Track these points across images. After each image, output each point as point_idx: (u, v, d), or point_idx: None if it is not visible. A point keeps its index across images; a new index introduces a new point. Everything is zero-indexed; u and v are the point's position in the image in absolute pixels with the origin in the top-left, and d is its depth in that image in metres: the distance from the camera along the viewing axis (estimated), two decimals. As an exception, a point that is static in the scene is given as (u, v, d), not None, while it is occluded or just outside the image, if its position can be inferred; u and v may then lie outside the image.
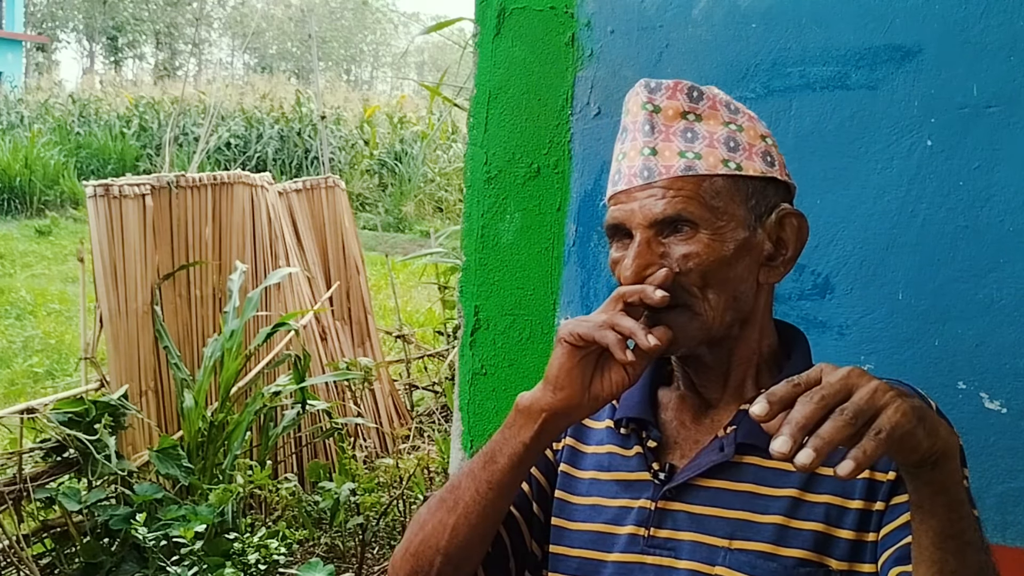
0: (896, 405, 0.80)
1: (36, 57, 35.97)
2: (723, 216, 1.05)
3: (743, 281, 1.07)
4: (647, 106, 1.08)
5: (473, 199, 1.75)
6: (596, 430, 1.19)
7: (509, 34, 1.71)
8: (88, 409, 3.18)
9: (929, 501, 0.87)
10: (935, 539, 0.88)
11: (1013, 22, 1.42)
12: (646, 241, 1.05)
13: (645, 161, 1.06)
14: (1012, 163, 1.42)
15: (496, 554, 1.17)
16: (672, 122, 1.07)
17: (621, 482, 1.13)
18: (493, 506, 1.08)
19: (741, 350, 1.10)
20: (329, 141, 13.73)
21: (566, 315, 1.71)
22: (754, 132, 1.09)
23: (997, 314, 1.43)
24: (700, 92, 1.09)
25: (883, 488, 1.03)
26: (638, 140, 1.08)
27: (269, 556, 3.08)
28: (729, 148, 1.07)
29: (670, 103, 1.08)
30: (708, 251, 1.04)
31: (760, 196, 1.08)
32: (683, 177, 1.05)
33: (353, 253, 5.13)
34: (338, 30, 44.39)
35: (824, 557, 1.03)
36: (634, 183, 1.07)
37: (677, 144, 1.06)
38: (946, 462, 0.85)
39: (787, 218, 1.10)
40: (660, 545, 1.08)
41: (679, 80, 1.08)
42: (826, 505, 1.04)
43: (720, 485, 1.07)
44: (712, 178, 1.05)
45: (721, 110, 1.09)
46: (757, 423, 1.06)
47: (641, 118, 1.08)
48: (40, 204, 12.84)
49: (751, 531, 1.05)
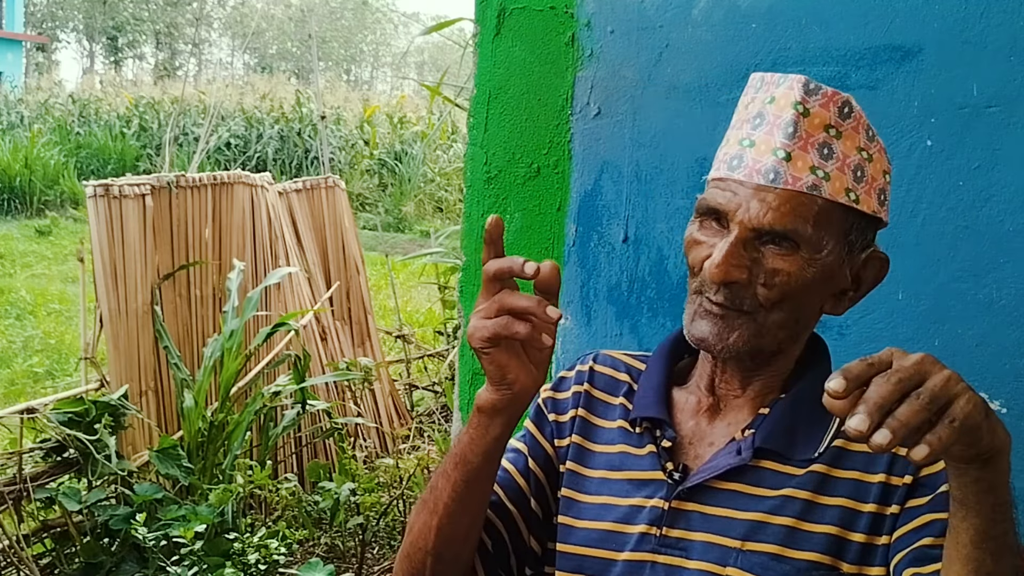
0: (968, 396, 0.80)
1: (36, 57, 35.97)
2: (825, 244, 1.03)
3: (811, 307, 1.07)
4: (798, 106, 1.03)
5: (473, 199, 1.75)
6: (606, 429, 1.18)
7: (509, 34, 1.71)
8: (88, 409, 3.18)
9: (975, 499, 0.86)
10: (975, 538, 0.87)
11: (1013, 22, 1.42)
12: (742, 242, 1.02)
13: (776, 163, 1.02)
14: (1012, 163, 1.42)
15: (496, 550, 1.17)
16: (815, 132, 1.03)
17: (633, 481, 1.13)
18: (472, 502, 1.08)
19: (779, 362, 1.10)
20: (329, 141, 13.73)
21: (566, 315, 1.71)
22: (880, 166, 1.07)
23: (997, 314, 1.43)
24: (850, 109, 1.05)
25: (898, 492, 1.03)
26: (775, 137, 1.03)
27: (269, 556, 3.08)
28: (855, 177, 1.04)
29: (821, 111, 1.04)
30: (799, 274, 1.02)
31: (860, 232, 1.07)
32: (805, 194, 1.02)
33: (353, 253, 5.12)
34: (338, 30, 44.37)
35: (836, 560, 1.03)
36: (755, 179, 1.03)
37: (812, 157, 1.03)
38: (998, 461, 0.84)
39: (873, 260, 1.10)
40: (672, 545, 1.08)
41: (838, 91, 1.04)
42: (840, 508, 1.04)
43: (735, 488, 1.07)
44: (831, 204, 1.03)
45: (861, 134, 1.05)
46: (776, 426, 1.07)
47: (788, 116, 1.03)
48: (40, 204, 12.83)
49: (764, 533, 1.04)
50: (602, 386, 1.21)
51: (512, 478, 1.19)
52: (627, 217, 1.67)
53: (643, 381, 1.18)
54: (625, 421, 1.17)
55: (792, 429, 1.07)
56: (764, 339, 1.05)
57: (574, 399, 1.21)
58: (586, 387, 1.21)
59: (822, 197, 1.02)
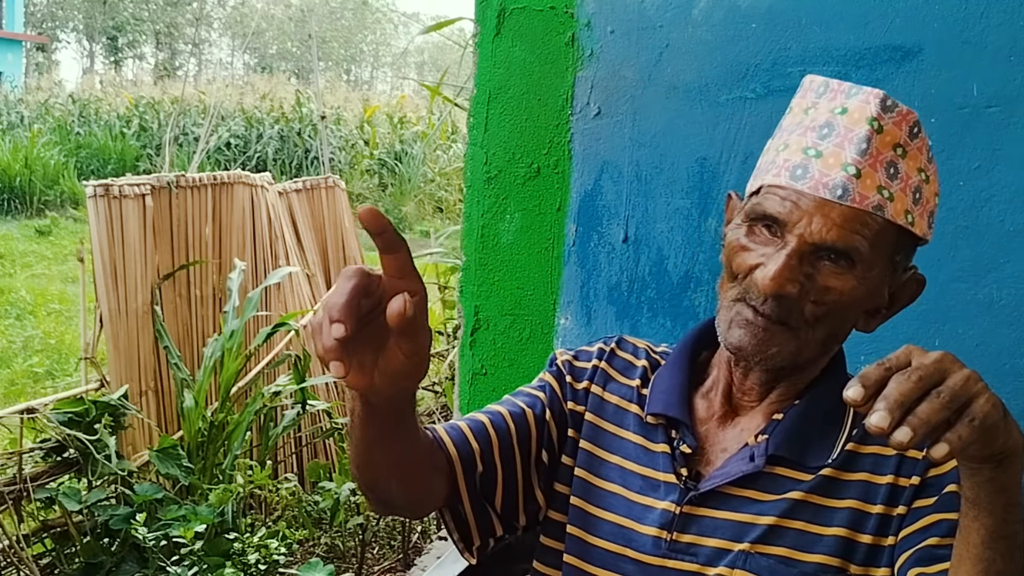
0: (987, 396, 0.79)
1: (36, 57, 35.96)
2: (877, 264, 1.02)
3: (850, 323, 1.07)
4: (874, 123, 1.01)
5: (473, 199, 1.75)
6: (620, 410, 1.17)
7: (509, 34, 1.71)
8: (88, 409, 3.18)
9: (988, 499, 0.86)
10: (986, 538, 0.87)
11: (1013, 22, 1.42)
12: (799, 255, 1.00)
13: (846, 179, 1.00)
14: (1012, 163, 1.42)
15: (486, 475, 1.13)
16: (885, 150, 1.01)
17: (647, 479, 1.12)
18: (377, 446, 0.99)
19: (803, 373, 1.10)
20: (329, 141, 13.73)
21: (566, 315, 1.71)
22: (933, 188, 1.07)
23: (997, 314, 1.43)
24: (919, 129, 1.03)
25: (906, 493, 1.03)
26: (845, 151, 1.01)
27: (269, 556, 3.08)
28: (914, 199, 1.03)
29: (894, 129, 1.01)
30: (851, 293, 1.01)
31: (906, 254, 1.06)
32: (869, 213, 1.00)
33: (353, 253, 5.13)
34: (338, 30, 44.37)
35: (845, 562, 1.03)
36: (822, 193, 1.00)
37: (880, 176, 1.01)
38: (1012, 462, 0.84)
39: (912, 281, 1.09)
40: (683, 550, 1.07)
41: (911, 110, 1.03)
42: (849, 510, 1.04)
43: (747, 494, 1.06)
44: (890, 224, 1.01)
45: (923, 154, 1.04)
46: (789, 432, 1.06)
47: (862, 131, 1.01)
48: (40, 204, 12.83)
49: (775, 537, 1.04)
50: (619, 368, 1.20)
51: (524, 417, 1.15)
52: (627, 217, 1.67)
53: (664, 375, 1.16)
54: (640, 408, 1.16)
55: (806, 435, 1.07)
56: (802, 355, 1.04)
57: (591, 372, 1.20)
58: (604, 364, 1.20)
59: (884, 218, 1.00)
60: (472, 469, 1.12)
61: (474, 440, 1.12)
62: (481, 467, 1.12)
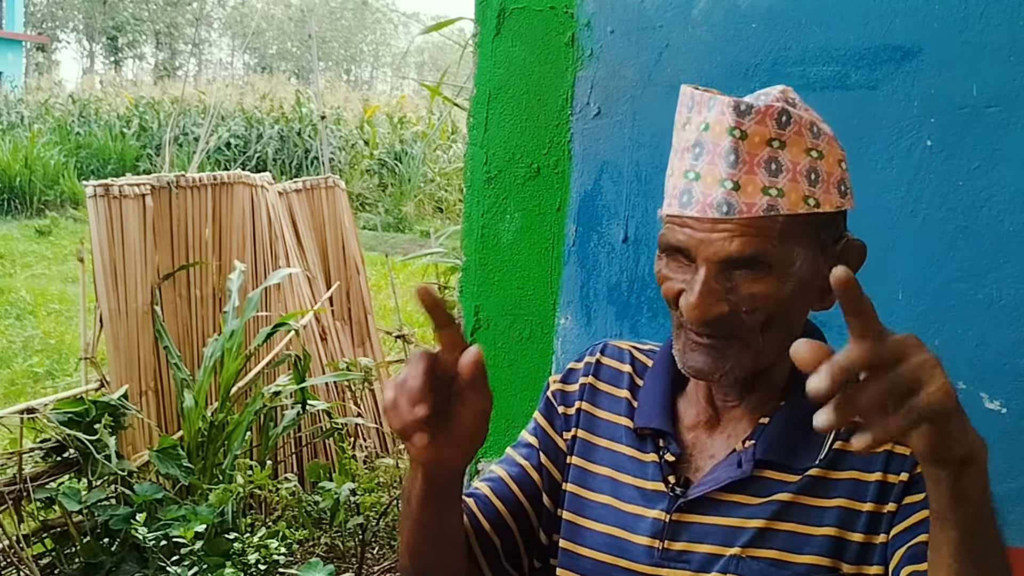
0: (941, 383, 0.76)
1: (36, 57, 35.97)
2: (796, 256, 1.01)
3: (802, 314, 1.06)
4: (734, 132, 0.99)
5: (473, 199, 1.75)
6: (611, 424, 1.18)
7: (509, 34, 1.71)
8: (88, 409, 3.18)
9: (950, 510, 0.84)
10: (954, 550, 0.85)
11: (1013, 22, 1.42)
12: (713, 276, 1.00)
13: (726, 195, 0.99)
14: (1012, 163, 1.42)
15: (506, 548, 1.17)
16: (758, 151, 0.99)
17: (638, 489, 1.12)
18: (431, 527, 1.07)
19: (774, 373, 1.09)
20: (329, 141, 13.73)
21: (566, 315, 1.71)
22: (833, 158, 1.04)
23: (997, 314, 1.43)
24: (789, 116, 1.00)
25: (895, 489, 1.03)
26: (718, 168, 1.00)
27: (269, 556, 3.08)
28: (810, 181, 1.01)
29: (758, 129, 0.99)
30: (778, 293, 1.00)
31: (829, 228, 1.04)
32: (764, 217, 0.99)
33: (353, 253, 5.12)
34: (338, 30, 44.38)
35: (836, 562, 1.03)
36: (709, 213, 1.00)
37: (760, 178, 0.99)
38: (970, 469, 0.81)
39: (851, 248, 1.07)
40: (675, 558, 1.07)
41: (771, 104, 1.00)
42: (839, 509, 1.04)
43: (737, 499, 1.06)
44: (792, 217, 1.00)
45: (805, 135, 1.01)
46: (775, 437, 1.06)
47: (726, 144, 0.99)
48: (40, 204, 12.83)
49: (765, 540, 1.04)
50: (607, 379, 1.21)
51: (525, 472, 1.19)
52: (627, 217, 1.67)
53: (648, 385, 1.17)
54: (630, 420, 1.16)
55: (793, 438, 1.07)
56: (762, 361, 1.04)
57: (580, 391, 1.21)
58: (591, 379, 1.21)
59: (781, 215, 0.99)
60: (492, 548, 1.17)
61: (484, 518, 1.17)
62: (498, 540, 1.17)
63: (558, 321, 1.71)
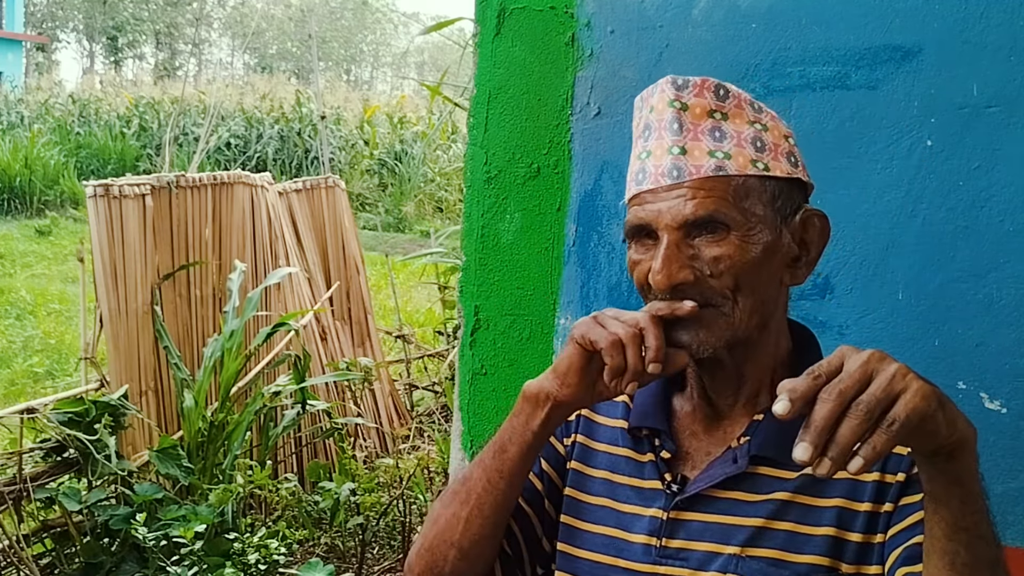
0: (915, 388, 0.79)
1: (36, 57, 35.97)
2: (752, 218, 1.03)
3: (770, 283, 1.06)
4: (674, 104, 1.04)
5: (473, 199, 1.75)
6: (609, 428, 1.19)
7: (509, 34, 1.71)
8: (88, 409, 3.18)
9: (943, 491, 0.86)
10: (947, 530, 0.87)
11: (1013, 22, 1.42)
12: (675, 243, 1.02)
13: (674, 160, 1.03)
14: (1012, 163, 1.42)
15: (514, 553, 1.17)
16: (700, 120, 1.04)
17: (635, 488, 1.13)
18: (504, 495, 1.09)
19: (759, 355, 1.09)
20: (329, 141, 13.73)
21: (566, 315, 1.71)
22: (778, 132, 1.07)
23: (997, 314, 1.43)
24: (726, 90, 1.06)
25: (892, 489, 1.03)
26: (665, 138, 1.04)
27: (269, 556, 3.08)
28: (756, 148, 1.04)
29: (698, 100, 1.04)
30: (740, 253, 1.02)
31: (786, 197, 1.06)
32: (714, 177, 1.02)
33: (353, 253, 5.13)
34: (338, 30, 44.38)
35: (835, 561, 1.03)
36: (661, 182, 1.03)
37: (706, 143, 1.03)
38: (962, 453, 0.84)
39: (811, 219, 1.09)
40: (672, 556, 1.08)
41: (706, 77, 1.06)
42: (837, 509, 1.04)
43: (733, 496, 1.07)
44: (742, 179, 1.02)
45: (746, 109, 1.06)
46: (770, 433, 1.06)
47: (668, 116, 1.05)
48: (40, 204, 12.83)
49: (764, 539, 1.04)
50: None
51: (528, 479, 1.19)
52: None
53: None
54: (627, 422, 1.17)
55: (787, 434, 1.07)
56: (738, 327, 1.04)
57: None
58: None
59: (730, 175, 1.02)
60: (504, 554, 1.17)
61: None
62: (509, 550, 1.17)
63: (558, 321, 1.71)
